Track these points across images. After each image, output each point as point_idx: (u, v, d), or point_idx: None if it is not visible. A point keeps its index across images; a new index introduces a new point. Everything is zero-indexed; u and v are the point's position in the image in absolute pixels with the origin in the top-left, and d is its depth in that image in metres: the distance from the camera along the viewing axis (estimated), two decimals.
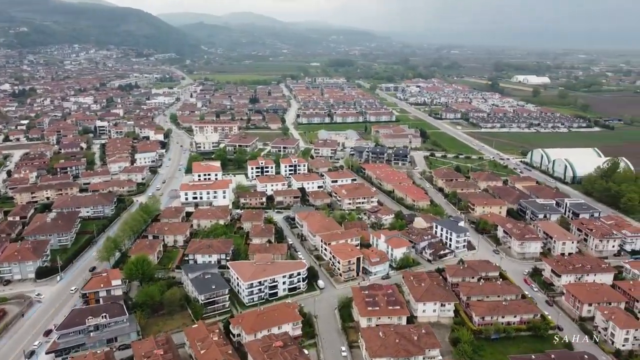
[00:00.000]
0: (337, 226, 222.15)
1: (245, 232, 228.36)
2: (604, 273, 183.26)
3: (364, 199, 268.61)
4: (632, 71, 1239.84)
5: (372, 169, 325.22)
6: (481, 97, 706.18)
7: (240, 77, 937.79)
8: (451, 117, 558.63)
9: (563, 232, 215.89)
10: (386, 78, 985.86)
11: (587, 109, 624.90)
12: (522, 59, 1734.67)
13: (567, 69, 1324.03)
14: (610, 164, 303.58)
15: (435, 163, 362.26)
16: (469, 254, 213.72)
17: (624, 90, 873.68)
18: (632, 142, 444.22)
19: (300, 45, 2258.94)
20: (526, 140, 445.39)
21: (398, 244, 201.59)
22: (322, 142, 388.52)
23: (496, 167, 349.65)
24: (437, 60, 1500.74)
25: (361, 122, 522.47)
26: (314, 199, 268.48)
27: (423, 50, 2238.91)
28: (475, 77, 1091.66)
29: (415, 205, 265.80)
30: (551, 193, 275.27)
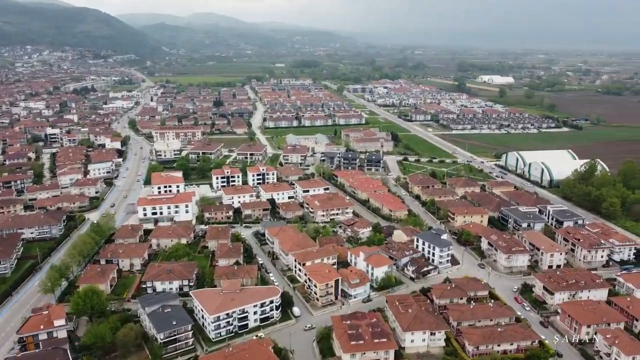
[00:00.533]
0: (312, 243, 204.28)
1: (210, 251, 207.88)
2: (599, 289, 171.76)
3: (338, 210, 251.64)
4: (590, 70, 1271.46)
5: (345, 176, 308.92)
6: (449, 98, 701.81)
7: (203, 79, 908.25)
8: (421, 118, 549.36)
9: (550, 244, 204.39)
10: (353, 79, 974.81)
11: (553, 108, 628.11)
12: (485, 58, 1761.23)
13: (528, 68, 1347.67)
14: (588, 167, 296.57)
15: (409, 168, 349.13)
16: (453, 270, 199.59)
17: (586, 90, 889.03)
18: (600, 142, 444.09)
19: (264, 46, 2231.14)
20: (498, 142, 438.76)
21: (379, 262, 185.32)
22: (291, 148, 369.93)
23: (472, 172, 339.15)
24: (402, 61, 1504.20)
25: (330, 125, 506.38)
26: (284, 211, 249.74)
27: (387, 50, 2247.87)
28: (441, 77, 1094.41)
29: (393, 215, 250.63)
30: (532, 199, 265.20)
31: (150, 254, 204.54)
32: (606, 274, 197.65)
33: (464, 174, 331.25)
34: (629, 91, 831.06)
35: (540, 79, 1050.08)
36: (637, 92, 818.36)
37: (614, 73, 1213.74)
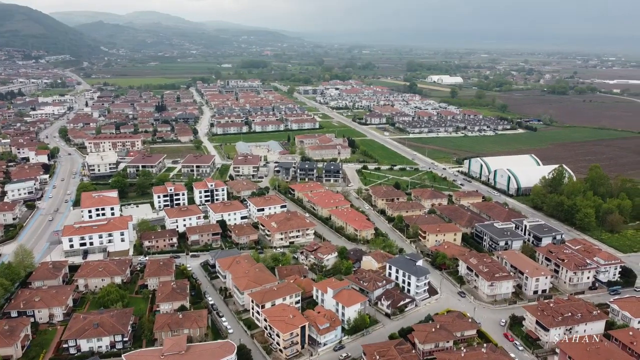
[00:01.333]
0: (270, 277, 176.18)
1: (150, 291, 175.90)
2: (596, 321, 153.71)
3: (298, 232, 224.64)
4: (533, 70, 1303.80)
5: (303, 190, 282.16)
6: (402, 100, 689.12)
7: (145, 81, 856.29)
8: (376, 122, 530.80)
9: (534, 266, 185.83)
10: (303, 80, 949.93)
11: (505, 109, 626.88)
12: (430, 58, 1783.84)
13: (474, 68, 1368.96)
14: (555, 174, 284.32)
15: (369, 177, 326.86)
16: (432, 301, 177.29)
17: (532, 89, 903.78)
18: (557, 144, 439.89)
19: (210, 46, 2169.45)
20: (457, 146, 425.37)
21: (350, 299, 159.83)
22: (242, 158, 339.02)
23: (435, 180, 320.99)
24: (351, 61, 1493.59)
25: (283, 130, 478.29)
26: (237, 235, 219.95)
27: (335, 50, 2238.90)
28: (391, 77, 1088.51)
29: (358, 235, 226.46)
30: (504, 211, 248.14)
31: (75, 299, 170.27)
32: (595, 297, 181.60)
33: (428, 182, 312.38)
34: (573, 90, 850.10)
35: (488, 78, 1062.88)
36: (580, 92, 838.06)
37: (555, 72, 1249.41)
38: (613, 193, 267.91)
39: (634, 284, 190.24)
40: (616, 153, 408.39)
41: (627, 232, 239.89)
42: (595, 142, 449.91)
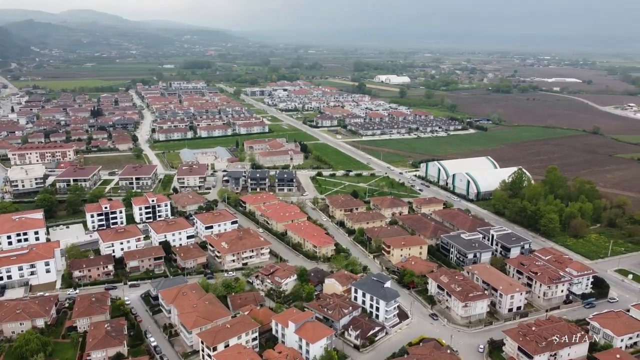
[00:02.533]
0: (222, 309, 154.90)
1: (80, 334, 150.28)
2: (580, 344, 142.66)
3: (252, 252, 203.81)
4: (476, 69, 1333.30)
5: (255, 202, 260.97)
6: (352, 101, 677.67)
7: (80, 84, 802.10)
8: (327, 124, 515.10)
9: (508, 282, 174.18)
10: (249, 81, 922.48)
11: (454, 109, 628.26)
12: (376, 58, 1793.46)
13: (420, 67, 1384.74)
14: (515, 177, 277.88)
15: (325, 185, 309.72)
16: (403, 327, 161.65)
17: (477, 88, 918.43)
18: (509, 145, 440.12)
19: (151, 46, 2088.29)
20: (411, 148, 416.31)
21: (315, 333, 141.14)
22: (187, 167, 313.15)
23: (393, 186, 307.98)
24: (298, 61, 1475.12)
25: (230, 135, 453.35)
26: (183, 258, 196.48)
27: (281, 50, 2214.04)
28: (339, 77, 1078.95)
29: (318, 252, 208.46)
30: (468, 220, 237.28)
31: None
32: (571, 312, 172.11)
33: (387, 189, 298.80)
34: (516, 89, 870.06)
35: (434, 77, 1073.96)
36: (523, 90, 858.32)
37: (497, 71, 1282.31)
38: (572, 195, 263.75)
39: (607, 294, 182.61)
40: (566, 152, 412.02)
41: (591, 237, 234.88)
42: (544, 141, 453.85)
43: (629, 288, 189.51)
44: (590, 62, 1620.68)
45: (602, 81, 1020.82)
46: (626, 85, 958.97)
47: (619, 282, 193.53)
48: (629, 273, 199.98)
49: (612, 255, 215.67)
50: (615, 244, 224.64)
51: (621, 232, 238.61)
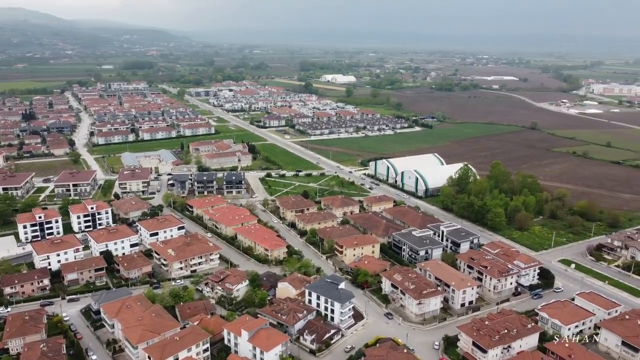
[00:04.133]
0: (170, 321, 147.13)
1: (13, 357, 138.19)
2: (530, 335, 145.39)
3: (201, 259, 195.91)
4: (419, 68, 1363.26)
5: (202, 205, 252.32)
6: (299, 100, 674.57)
7: (10, 86, 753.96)
8: (275, 124, 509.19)
9: (460, 278, 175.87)
10: (194, 81, 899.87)
11: (400, 107, 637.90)
12: (322, 57, 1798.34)
13: (364, 67, 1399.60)
14: (461, 173, 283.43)
15: (274, 186, 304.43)
16: (358, 328, 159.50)
17: (421, 87, 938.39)
18: (454, 141, 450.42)
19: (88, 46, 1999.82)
20: (360, 147, 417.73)
21: (270, 341, 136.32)
22: (128, 172, 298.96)
23: (343, 185, 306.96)
24: (243, 61, 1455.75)
25: (175, 137, 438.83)
26: (127, 268, 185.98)
27: (225, 50, 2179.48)
28: (285, 77, 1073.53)
29: (270, 256, 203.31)
30: (418, 217, 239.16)
31: None
32: (520, 304, 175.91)
33: (337, 188, 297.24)
34: (458, 87, 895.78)
35: (379, 77, 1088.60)
36: (465, 88, 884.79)
37: (439, 70, 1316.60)
38: (515, 189, 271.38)
39: (553, 285, 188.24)
40: (508, 147, 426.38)
41: (534, 229, 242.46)
42: (487, 138, 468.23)
43: (573, 277, 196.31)
44: (525, 61, 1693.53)
45: (537, 79, 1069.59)
46: (559, 82, 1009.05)
47: (563, 272, 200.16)
48: (571, 263, 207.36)
49: (555, 246, 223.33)
50: (558, 235, 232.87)
51: (562, 224, 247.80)
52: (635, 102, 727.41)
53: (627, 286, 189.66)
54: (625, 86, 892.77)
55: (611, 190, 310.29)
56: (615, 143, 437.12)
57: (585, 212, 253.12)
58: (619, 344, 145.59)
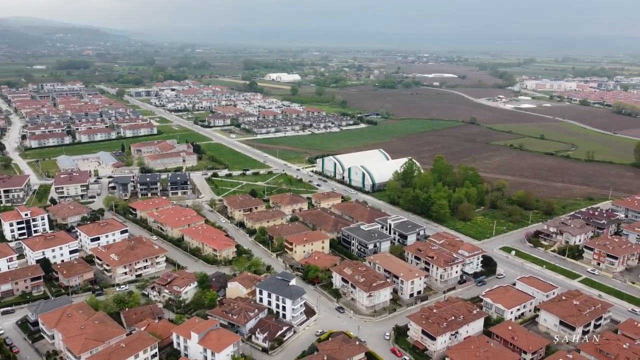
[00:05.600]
0: (115, 328, 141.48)
1: None
2: (476, 320, 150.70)
3: (146, 262, 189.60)
4: (362, 66, 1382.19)
5: (146, 208, 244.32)
6: (244, 99, 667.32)
7: None
8: (220, 123, 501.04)
9: (408, 269, 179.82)
10: (133, 81, 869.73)
11: (345, 104, 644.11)
12: (266, 56, 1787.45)
13: (309, 65, 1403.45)
14: (406, 167, 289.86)
15: (221, 186, 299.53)
16: (310, 323, 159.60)
17: (365, 84, 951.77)
18: (398, 137, 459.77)
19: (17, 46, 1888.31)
20: (307, 145, 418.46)
21: (220, 342, 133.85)
22: (66, 176, 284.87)
23: (291, 183, 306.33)
24: (185, 60, 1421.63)
25: (115, 139, 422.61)
26: (66, 276, 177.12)
27: (166, 49, 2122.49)
28: (229, 76, 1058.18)
29: (219, 256, 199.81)
30: (366, 211, 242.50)
31: None
32: (466, 292, 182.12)
33: (285, 186, 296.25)
34: (401, 84, 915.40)
35: (324, 75, 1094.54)
36: (407, 85, 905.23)
37: (382, 68, 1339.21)
38: (458, 182, 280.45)
39: (495, 271, 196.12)
40: (449, 142, 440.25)
41: (477, 219, 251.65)
42: (430, 133, 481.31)
43: (513, 263, 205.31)
44: (463, 59, 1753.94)
45: (475, 76, 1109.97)
46: (495, 79, 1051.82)
47: (504, 259, 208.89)
48: (511, 250, 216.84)
49: (496, 235, 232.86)
50: (498, 224, 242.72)
51: (502, 213, 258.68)
52: (565, 97, 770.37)
53: (563, 269, 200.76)
54: (556, 82, 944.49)
55: (545, 180, 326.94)
56: (548, 135, 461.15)
57: (523, 202, 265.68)
58: (557, 324, 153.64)
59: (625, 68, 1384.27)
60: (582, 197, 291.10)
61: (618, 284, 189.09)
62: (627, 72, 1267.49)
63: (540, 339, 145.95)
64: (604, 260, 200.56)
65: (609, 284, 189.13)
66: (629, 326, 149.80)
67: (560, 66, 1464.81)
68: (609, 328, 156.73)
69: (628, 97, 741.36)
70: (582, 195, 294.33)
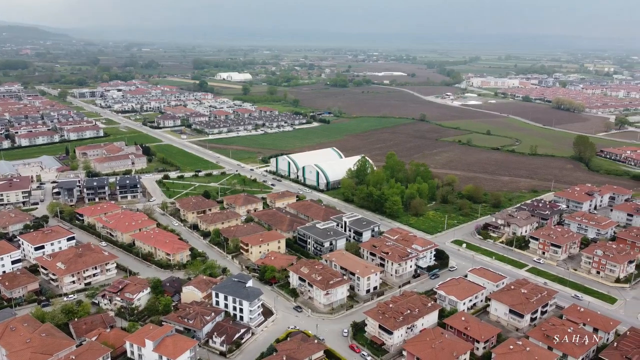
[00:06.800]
0: (64, 340, 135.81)
1: None
2: (431, 312, 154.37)
3: (95, 270, 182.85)
4: (313, 65, 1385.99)
5: (94, 213, 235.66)
6: (195, 99, 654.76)
7: None
8: (170, 124, 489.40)
9: (364, 265, 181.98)
10: (77, 82, 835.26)
11: (297, 103, 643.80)
12: (215, 55, 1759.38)
13: (260, 64, 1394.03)
14: (359, 165, 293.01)
15: (173, 188, 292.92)
16: (269, 324, 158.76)
17: (316, 83, 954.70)
18: (351, 135, 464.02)
19: None
20: (260, 145, 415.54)
21: (177, 348, 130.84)
22: (5, 182, 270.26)
23: (245, 183, 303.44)
24: (132, 60, 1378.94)
25: (58, 142, 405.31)
26: (8, 288, 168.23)
27: (111, 48, 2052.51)
28: (179, 76, 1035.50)
29: (172, 260, 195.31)
30: (321, 210, 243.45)
31: None
32: (420, 285, 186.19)
33: (239, 187, 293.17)
34: (352, 83, 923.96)
35: (275, 74, 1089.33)
36: (358, 84, 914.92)
37: (333, 66, 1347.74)
38: (410, 178, 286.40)
39: (448, 264, 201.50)
40: (401, 139, 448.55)
41: (429, 214, 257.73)
42: (381, 130, 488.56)
43: (464, 256, 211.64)
44: (412, 57, 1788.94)
45: (423, 74, 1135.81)
46: (443, 77, 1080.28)
47: (456, 252, 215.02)
48: (462, 242, 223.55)
49: (448, 229, 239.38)
50: (449, 218, 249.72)
51: (453, 207, 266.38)
52: (509, 94, 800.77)
53: (511, 259, 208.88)
54: (500, 79, 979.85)
55: (493, 174, 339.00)
56: (494, 131, 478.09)
57: (472, 195, 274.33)
58: (507, 312, 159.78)
59: (563, 65, 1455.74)
60: (526, 190, 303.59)
61: (562, 272, 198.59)
62: (565, 69, 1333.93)
63: (492, 327, 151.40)
64: (548, 250, 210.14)
65: (554, 272, 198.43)
66: (573, 311, 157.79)
67: (504, 64, 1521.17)
68: (554, 314, 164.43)
69: (566, 93, 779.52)
70: (526, 188, 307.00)
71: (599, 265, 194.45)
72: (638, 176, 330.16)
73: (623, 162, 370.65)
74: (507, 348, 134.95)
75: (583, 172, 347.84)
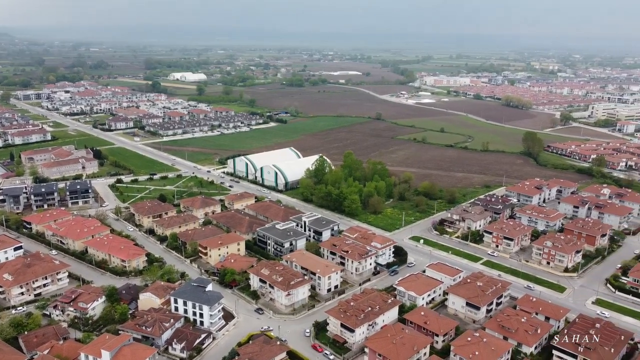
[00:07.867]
0: (13, 355, 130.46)
1: None
2: (391, 309, 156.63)
3: (45, 279, 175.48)
4: (269, 64, 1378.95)
5: (43, 221, 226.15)
6: (147, 100, 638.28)
7: None
8: (123, 126, 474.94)
9: (324, 265, 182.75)
10: (20, 83, 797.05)
11: (253, 103, 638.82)
12: (168, 55, 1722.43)
13: (214, 64, 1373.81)
14: (317, 165, 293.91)
15: (127, 192, 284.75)
16: (230, 328, 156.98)
17: (272, 83, 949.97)
18: (308, 135, 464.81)
19: None
20: (217, 145, 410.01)
21: (134, 357, 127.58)
22: None
23: (202, 185, 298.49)
24: (80, 60, 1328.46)
25: (2, 147, 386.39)
26: None
27: (56, 48, 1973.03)
28: (130, 76, 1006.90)
29: (128, 266, 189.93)
30: (280, 210, 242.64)
31: None
32: (380, 282, 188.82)
33: (196, 189, 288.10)
34: (308, 82, 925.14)
35: (230, 74, 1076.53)
36: (314, 83, 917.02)
37: (288, 66, 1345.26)
38: (367, 176, 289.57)
39: (406, 260, 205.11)
40: (357, 137, 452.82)
41: (387, 211, 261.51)
42: (338, 129, 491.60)
43: (422, 252, 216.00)
44: (366, 57, 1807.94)
45: (378, 73, 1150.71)
46: (397, 76, 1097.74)
47: (414, 248, 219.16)
48: (420, 239, 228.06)
49: (406, 225, 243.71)
50: (407, 215, 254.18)
51: (410, 204, 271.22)
52: (461, 92, 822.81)
53: (466, 253, 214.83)
54: (452, 78, 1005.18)
55: (447, 170, 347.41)
56: (447, 128, 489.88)
57: (428, 192, 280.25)
58: (464, 305, 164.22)
59: (511, 64, 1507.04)
60: (480, 185, 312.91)
61: (514, 264, 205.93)
62: (513, 67, 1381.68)
63: (450, 320, 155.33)
64: (501, 243, 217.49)
65: (507, 264, 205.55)
66: (526, 302, 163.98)
67: (455, 62, 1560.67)
68: (508, 305, 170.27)
69: (515, 91, 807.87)
70: (480, 184, 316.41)
71: (549, 256, 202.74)
72: (583, 170, 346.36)
73: (568, 157, 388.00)
74: (465, 340, 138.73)
75: (532, 166, 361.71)
